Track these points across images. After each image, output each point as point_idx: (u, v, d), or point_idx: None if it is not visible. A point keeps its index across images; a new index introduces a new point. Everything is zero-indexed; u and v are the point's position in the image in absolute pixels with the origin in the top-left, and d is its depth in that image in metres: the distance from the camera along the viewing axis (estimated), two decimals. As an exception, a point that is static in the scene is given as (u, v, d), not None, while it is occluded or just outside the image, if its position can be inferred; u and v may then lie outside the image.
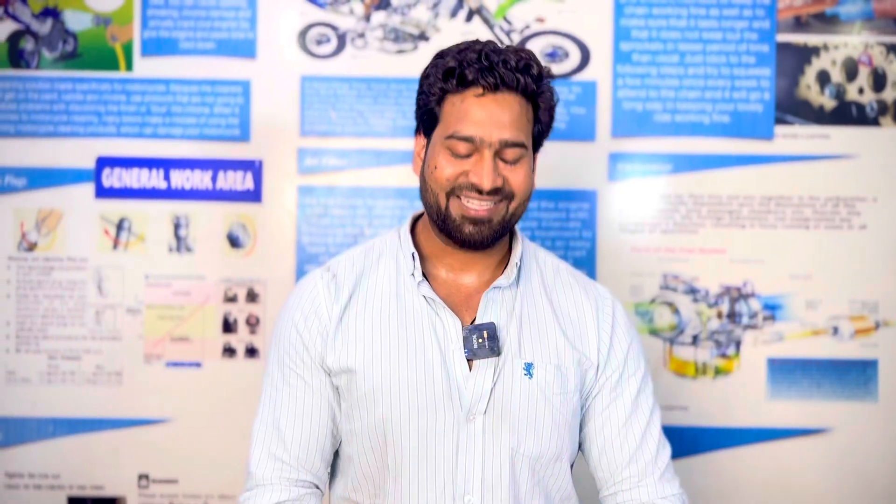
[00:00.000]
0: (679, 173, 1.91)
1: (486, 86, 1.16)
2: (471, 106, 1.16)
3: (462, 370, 1.18)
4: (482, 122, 1.15)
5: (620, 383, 1.26)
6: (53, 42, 1.90)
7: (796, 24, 1.92)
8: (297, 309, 1.25)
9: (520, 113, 1.18)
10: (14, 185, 1.90)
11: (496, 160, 1.16)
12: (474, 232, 1.17)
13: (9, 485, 1.88)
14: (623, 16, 1.91)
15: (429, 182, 1.19)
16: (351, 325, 1.22)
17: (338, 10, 1.92)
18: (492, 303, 1.22)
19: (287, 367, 1.24)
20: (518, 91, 1.17)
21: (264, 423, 1.23)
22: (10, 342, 1.89)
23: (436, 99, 1.20)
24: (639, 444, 1.25)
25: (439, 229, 1.21)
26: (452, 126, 1.17)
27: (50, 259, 1.90)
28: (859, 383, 1.90)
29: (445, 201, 1.18)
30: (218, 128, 1.91)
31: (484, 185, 1.14)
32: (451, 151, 1.17)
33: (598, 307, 1.28)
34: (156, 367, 1.89)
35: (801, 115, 1.91)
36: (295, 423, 1.22)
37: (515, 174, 1.18)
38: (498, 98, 1.16)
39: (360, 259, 1.28)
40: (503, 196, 1.18)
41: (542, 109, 1.23)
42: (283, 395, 1.23)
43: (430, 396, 1.17)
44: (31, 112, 1.90)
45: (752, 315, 1.90)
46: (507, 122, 1.16)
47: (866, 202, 1.91)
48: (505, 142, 1.16)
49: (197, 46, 1.91)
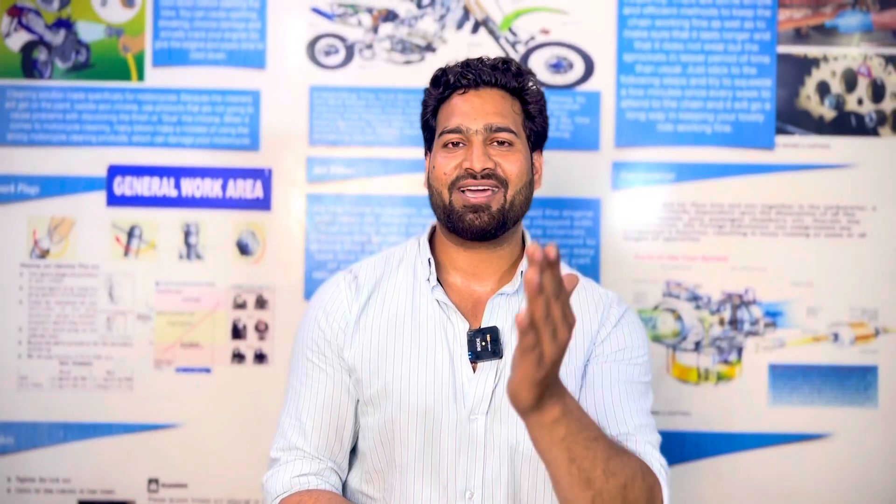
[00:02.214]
0: (681, 182, 1.94)
1: (467, 84, 1.27)
2: (456, 103, 1.27)
3: (467, 372, 1.22)
4: (466, 112, 1.25)
5: (616, 361, 1.25)
6: (66, 52, 1.94)
7: (796, 35, 1.95)
8: (319, 307, 1.31)
9: (503, 104, 1.27)
10: (27, 193, 1.93)
11: (487, 147, 1.25)
12: (475, 219, 1.23)
13: (20, 489, 1.91)
14: (626, 27, 1.95)
15: (433, 184, 1.28)
16: (368, 325, 1.27)
17: (346, 21, 1.95)
18: (497, 308, 1.26)
19: (310, 360, 1.29)
20: (499, 86, 1.28)
21: (288, 416, 1.29)
22: (23, 348, 1.92)
23: (431, 111, 1.32)
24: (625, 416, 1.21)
25: (447, 227, 1.27)
26: (443, 125, 1.27)
27: (62, 266, 1.92)
28: (859, 389, 1.92)
29: (448, 196, 1.25)
30: (228, 137, 1.94)
31: (475, 166, 1.22)
32: (444, 148, 1.26)
33: (605, 311, 1.31)
34: (166, 373, 1.92)
35: (802, 126, 1.95)
36: (315, 413, 1.26)
37: (507, 160, 1.25)
38: (480, 93, 1.27)
39: (380, 264, 1.34)
40: (498, 181, 1.24)
41: (532, 105, 1.31)
42: (305, 389, 1.28)
43: (438, 396, 1.21)
44: (43, 121, 1.93)
45: (754, 322, 1.93)
46: (490, 111, 1.26)
47: (866, 211, 1.94)
48: (490, 126, 1.24)
49: (207, 57, 1.94)
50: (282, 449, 1.28)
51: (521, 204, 1.27)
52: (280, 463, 1.27)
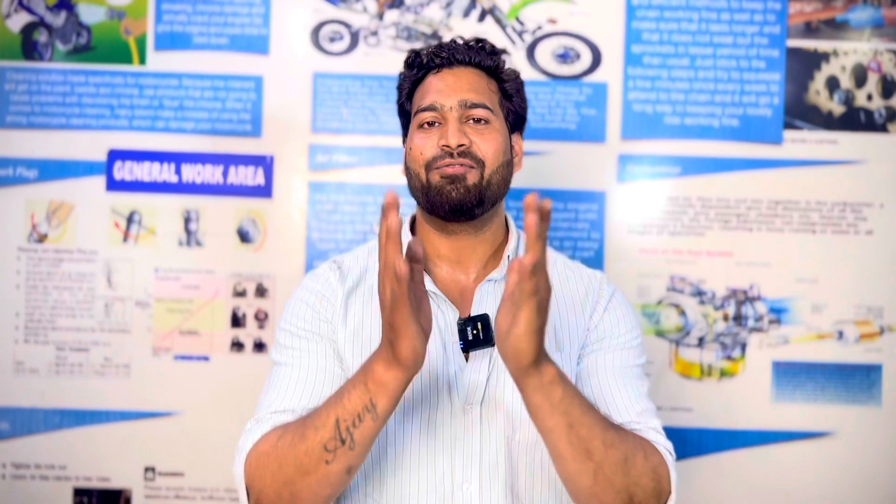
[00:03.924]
0: (687, 176, 1.92)
1: (440, 62, 1.26)
2: (430, 82, 1.26)
3: (459, 361, 1.20)
4: (441, 90, 1.24)
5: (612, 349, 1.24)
6: (67, 35, 1.91)
7: (807, 29, 1.93)
8: (311, 293, 1.26)
9: (478, 81, 1.26)
10: (25, 177, 1.91)
11: (464, 125, 1.23)
12: (452, 190, 1.20)
13: (15, 475, 1.89)
14: (635, 18, 1.92)
15: (409, 165, 1.26)
16: (356, 314, 1.23)
17: (351, 7, 1.92)
18: (486, 295, 1.24)
19: (302, 339, 1.21)
20: (472, 65, 1.27)
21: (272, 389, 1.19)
22: (19, 333, 1.90)
23: (406, 94, 1.30)
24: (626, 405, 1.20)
25: (425, 208, 1.25)
26: (417, 105, 1.26)
27: (60, 251, 1.90)
28: (863, 387, 1.91)
29: (426, 175, 1.23)
30: (230, 123, 1.92)
31: (450, 142, 1.20)
32: (420, 129, 1.24)
33: (596, 292, 1.29)
34: (164, 360, 1.90)
35: (810, 121, 1.93)
36: (309, 379, 1.18)
37: (483, 139, 1.23)
38: (455, 71, 1.26)
39: (363, 256, 1.31)
40: (473, 160, 1.21)
41: (508, 83, 1.29)
42: (297, 361, 1.20)
43: (433, 386, 1.19)
44: (43, 104, 1.91)
45: (758, 318, 1.91)
46: (465, 87, 1.24)
47: (873, 208, 1.92)
48: (464, 102, 1.23)
49: (210, 41, 1.92)
50: (261, 418, 1.15)
51: (499, 184, 1.24)
52: (252, 425, 1.16)
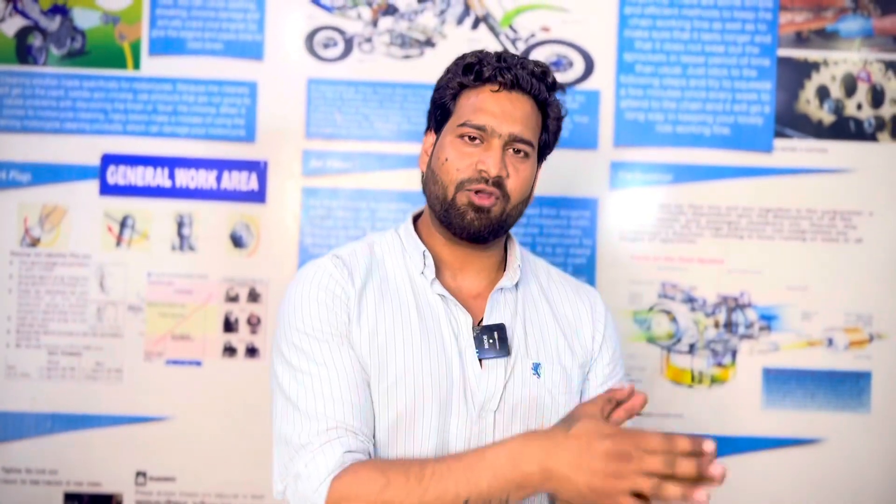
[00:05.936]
0: (679, 183, 1.94)
1: (502, 82, 1.21)
2: (486, 99, 1.21)
3: (474, 368, 1.20)
4: (496, 114, 1.20)
5: (605, 384, 1.29)
6: (61, 39, 1.91)
7: (797, 39, 1.95)
8: (322, 290, 1.18)
9: (530, 114, 1.23)
10: (18, 181, 1.91)
11: (504, 153, 1.20)
12: (475, 219, 1.19)
13: (6, 480, 1.88)
14: (627, 27, 1.94)
15: (438, 174, 1.22)
16: (371, 313, 1.19)
17: (345, 14, 1.93)
18: (497, 304, 1.24)
19: (322, 342, 1.15)
20: (531, 94, 1.23)
21: (312, 399, 1.12)
22: (11, 337, 1.89)
23: (452, 93, 1.25)
24: None
25: (441, 221, 1.23)
26: (466, 116, 1.21)
27: (52, 255, 1.90)
28: (853, 394, 1.92)
29: (453, 192, 1.20)
30: (224, 128, 1.92)
31: (490, 171, 1.18)
32: (461, 141, 1.21)
33: (592, 308, 1.32)
34: (156, 365, 1.90)
35: (801, 129, 1.94)
36: (351, 390, 1.12)
37: (518, 174, 1.21)
38: (512, 96, 1.22)
39: (364, 253, 1.26)
40: (502, 192, 1.20)
41: (551, 119, 1.27)
42: (326, 369, 1.14)
43: (448, 391, 1.17)
44: (37, 108, 1.91)
45: (749, 325, 1.92)
46: (518, 118, 1.21)
47: (862, 216, 1.94)
48: (514, 136, 1.20)
49: (205, 47, 1.92)
50: (315, 433, 1.08)
51: (516, 216, 1.25)
52: (316, 445, 1.08)
